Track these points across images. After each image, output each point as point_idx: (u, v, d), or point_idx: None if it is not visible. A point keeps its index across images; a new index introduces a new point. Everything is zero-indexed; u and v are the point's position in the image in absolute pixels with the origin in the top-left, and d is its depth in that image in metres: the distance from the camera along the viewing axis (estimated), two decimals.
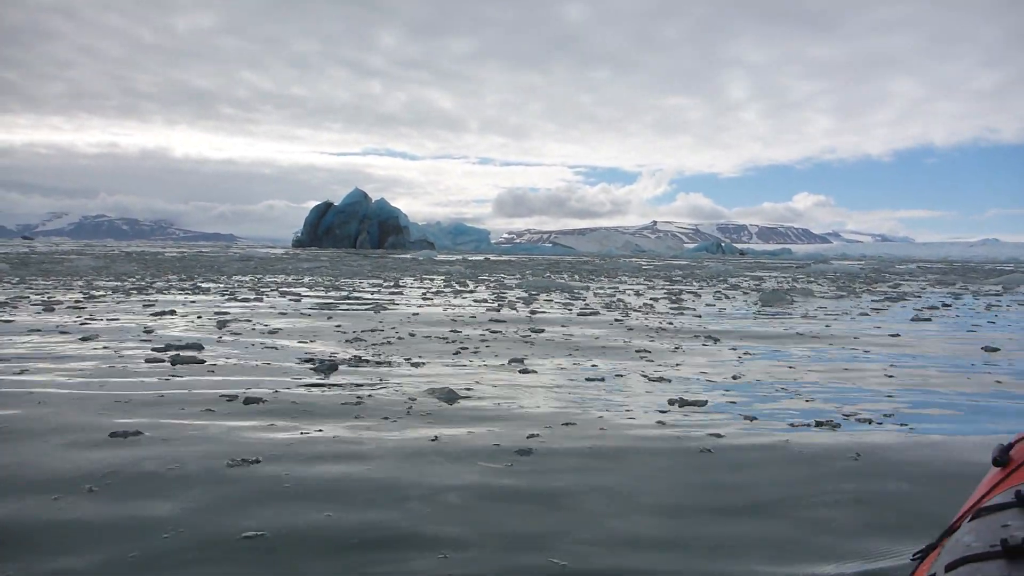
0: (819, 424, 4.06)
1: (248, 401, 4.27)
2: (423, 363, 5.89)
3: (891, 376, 5.80)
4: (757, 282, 21.98)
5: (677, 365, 6.19)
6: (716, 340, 7.97)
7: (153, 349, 6.16)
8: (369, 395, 4.55)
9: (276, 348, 6.62)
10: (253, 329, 8.00)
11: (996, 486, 1.37)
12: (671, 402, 4.55)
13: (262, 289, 14.76)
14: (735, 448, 3.57)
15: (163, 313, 9.40)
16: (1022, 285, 21.82)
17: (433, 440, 3.55)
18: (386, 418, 3.98)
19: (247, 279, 18.67)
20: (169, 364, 5.51)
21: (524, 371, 5.61)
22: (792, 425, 4.05)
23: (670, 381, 5.41)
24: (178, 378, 5.02)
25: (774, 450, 3.56)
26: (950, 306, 13.46)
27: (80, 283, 15.48)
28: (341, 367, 5.59)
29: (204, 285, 15.61)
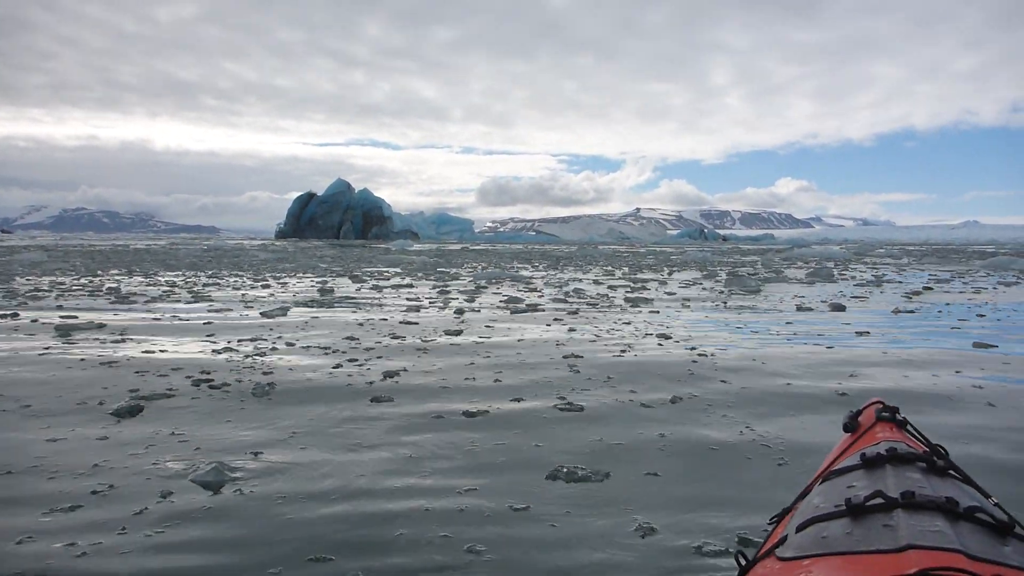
0: (743, 553, 2.43)
1: None
2: (273, 387, 4.42)
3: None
4: (732, 268, 20.66)
5: (608, 379, 4.81)
6: (668, 338, 6.58)
7: None
8: (110, 486, 2.75)
9: (108, 366, 5.02)
10: (95, 339, 6.45)
11: (845, 450, 1.51)
12: (553, 476, 2.91)
13: (174, 286, 13.18)
14: None
15: (2, 317, 7.84)
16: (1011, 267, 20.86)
17: None
18: (116, 528, 2.48)
19: (177, 275, 17.08)
20: None
21: (377, 399, 4.09)
22: (697, 549, 2.29)
23: (582, 409, 3.98)
24: None
25: None
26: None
27: None
28: (155, 403, 4.05)
29: (115, 284, 14.00)
